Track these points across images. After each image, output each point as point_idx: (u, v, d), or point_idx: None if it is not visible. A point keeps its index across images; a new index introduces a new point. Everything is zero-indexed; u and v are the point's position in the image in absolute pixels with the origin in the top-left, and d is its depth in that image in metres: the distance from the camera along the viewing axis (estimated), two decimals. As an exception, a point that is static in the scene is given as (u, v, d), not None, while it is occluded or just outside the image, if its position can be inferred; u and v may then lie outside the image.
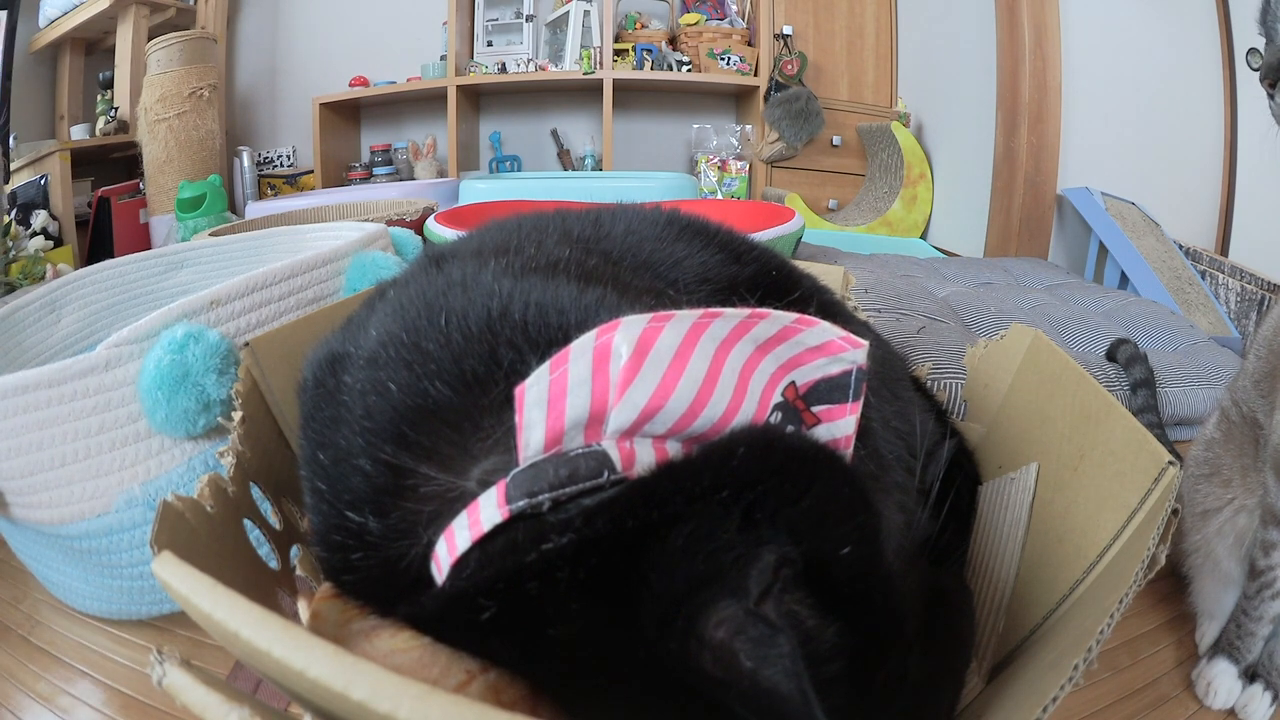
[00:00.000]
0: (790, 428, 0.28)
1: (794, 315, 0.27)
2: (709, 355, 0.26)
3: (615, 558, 0.24)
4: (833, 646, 0.24)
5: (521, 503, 0.25)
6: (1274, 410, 0.49)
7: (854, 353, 0.28)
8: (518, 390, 0.25)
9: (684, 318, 0.26)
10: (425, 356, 0.30)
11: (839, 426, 0.29)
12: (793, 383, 0.28)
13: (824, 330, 0.28)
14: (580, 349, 0.25)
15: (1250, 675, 0.50)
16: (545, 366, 0.25)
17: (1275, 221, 1.56)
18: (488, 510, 0.26)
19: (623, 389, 0.25)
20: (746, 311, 0.27)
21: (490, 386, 0.29)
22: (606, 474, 0.25)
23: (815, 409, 0.29)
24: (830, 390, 0.29)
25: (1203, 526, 0.53)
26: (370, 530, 0.29)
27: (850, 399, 0.29)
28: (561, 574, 0.24)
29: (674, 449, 0.27)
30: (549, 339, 0.30)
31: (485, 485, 0.27)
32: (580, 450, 0.26)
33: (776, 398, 0.28)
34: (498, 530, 0.26)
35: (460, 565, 0.26)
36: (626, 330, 0.25)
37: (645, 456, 0.26)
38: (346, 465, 0.30)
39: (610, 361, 0.25)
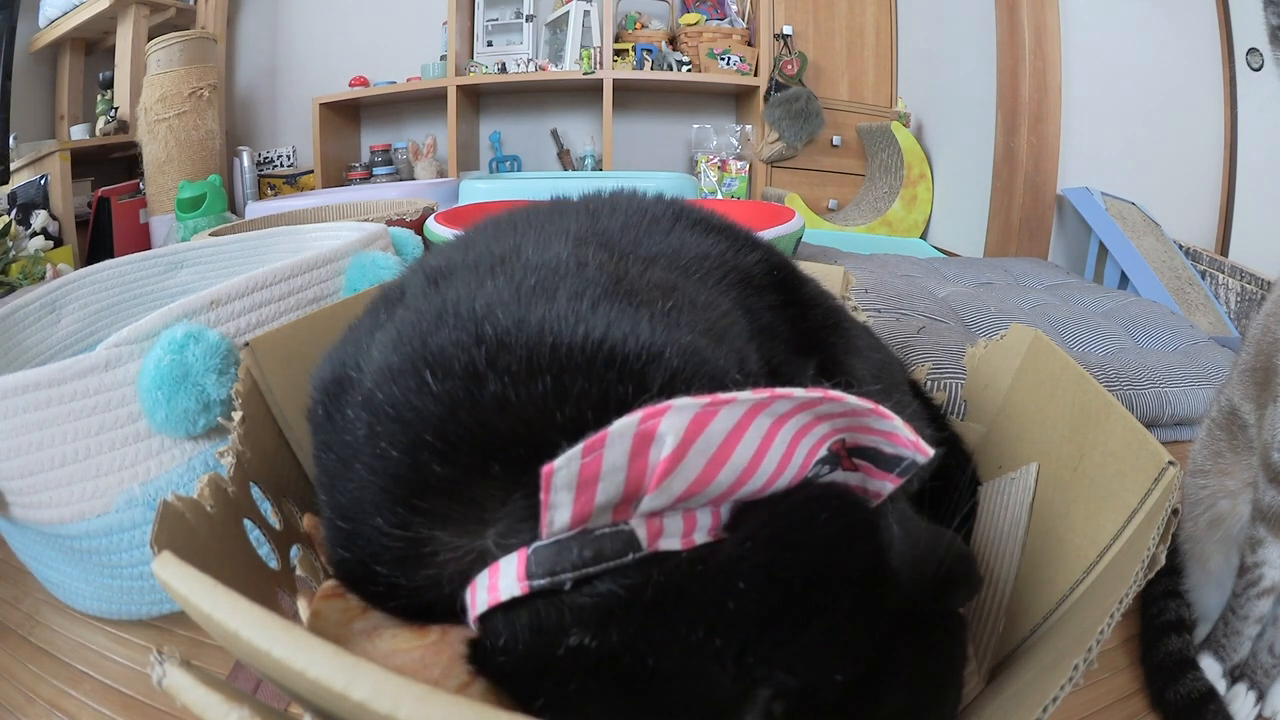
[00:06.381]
0: (826, 476, 0.28)
1: (870, 404, 0.26)
2: (763, 430, 0.25)
3: (624, 679, 0.25)
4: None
5: (543, 581, 0.25)
6: (1263, 408, 0.49)
7: (915, 454, 0.26)
8: (545, 470, 0.24)
9: (744, 400, 0.24)
10: (418, 419, 0.29)
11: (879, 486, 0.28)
12: (843, 440, 0.27)
13: (896, 423, 0.26)
14: (620, 432, 0.24)
15: (1236, 675, 0.50)
16: (578, 449, 0.24)
17: (1275, 221, 1.56)
18: (507, 580, 0.26)
19: (660, 479, 0.24)
20: (819, 393, 0.25)
21: (486, 458, 0.28)
22: (631, 554, 0.26)
23: (858, 461, 0.28)
24: (877, 458, 0.28)
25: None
26: (400, 584, 0.30)
27: (893, 476, 0.28)
28: (590, 684, 0.25)
29: (704, 518, 0.27)
30: (543, 406, 0.28)
31: (503, 548, 0.27)
32: (607, 530, 0.26)
33: (822, 453, 0.27)
34: (518, 600, 0.26)
35: (487, 623, 0.27)
36: (675, 417, 0.24)
37: (673, 529, 0.26)
38: (364, 522, 0.30)
39: (652, 448, 0.24)
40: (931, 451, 0.26)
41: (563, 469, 0.24)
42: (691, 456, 0.24)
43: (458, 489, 0.28)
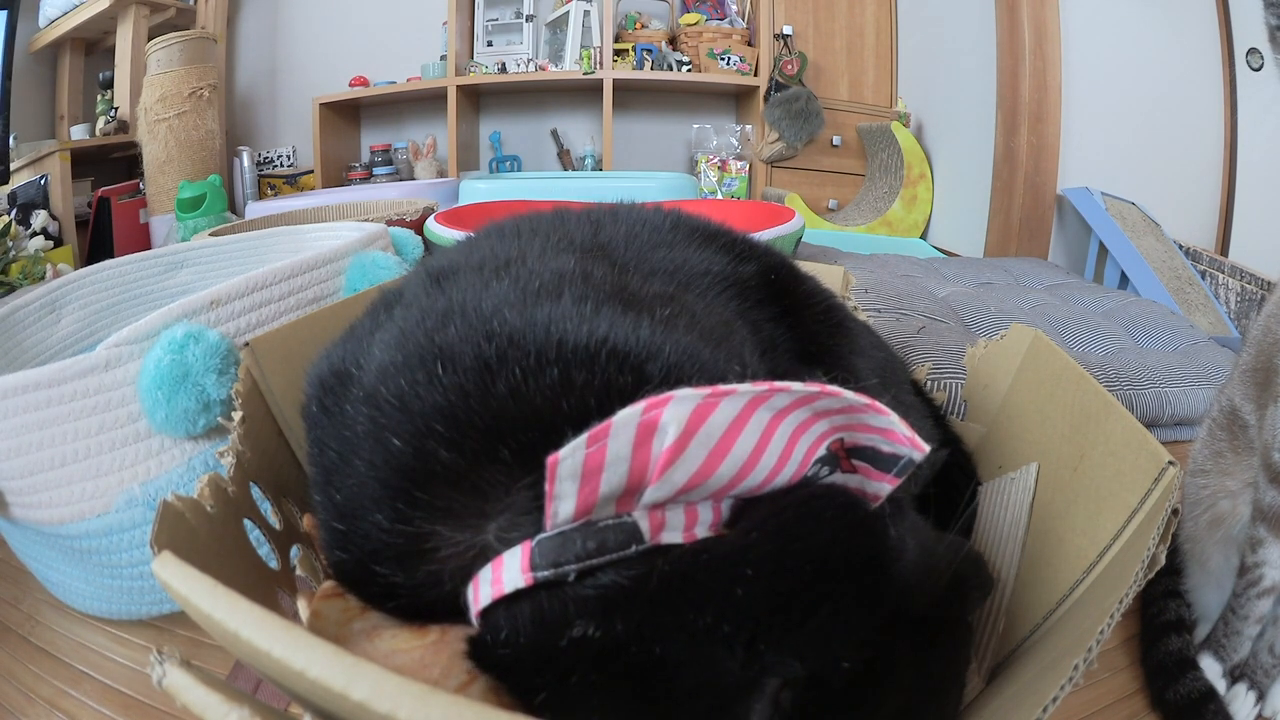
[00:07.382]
0: (826, 478, 0.28)
1: (866, 399, 0.26)
2: (763, 424, 0.26)
3: (630, 669, 0.25)
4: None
5: (547, 572, 0.25)
6: (1263, 408, 0.49)
7: (912, 450, 0.26)
8: (550, 460, 0.24)
9: (744, 393, 0.24)
10: (426, 409, 0.29)
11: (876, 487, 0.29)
12: (841, 439, 0.28)
13: (892, 420, 0.26)
14: (623, 422, 0.24)
15: (1236, 675, 0.50)
16: (582, 439, 0.24)
17: (1275, 221, 1.56)
18: (511, 572, 0.26)
19: (663, 470, 0.25)
20: (816, 388, 0.25)
21: (495, 443, 0.28)
22: (634, 546, 0.26)
23: (856, 463, 0.28)
24: (875, 459, 0.28)
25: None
26: (399, 583, 0.30)
27: (891, 477, 0.28)
28: (594, 675, 0.25)
29: (705, 513, 0.27)
30: (551, 394, 0.29)
31: (504, 542, 0.27)
32: (610, 521, 0.26)
33: (821, 451, 0.27)
34: (521, 593, 0.26)
35: (488, 618, 0.27)
36: (677, 407, 0.24)
37: (675, 522, 0.26)
38: (363, 519, 0.30)
39: (654, 439, 0.24)
40: (928, 448, 0.26)
41: (568, 459, 0.24)
42: (693, 448, 0.25)
43: (462, 477, 0.28)
